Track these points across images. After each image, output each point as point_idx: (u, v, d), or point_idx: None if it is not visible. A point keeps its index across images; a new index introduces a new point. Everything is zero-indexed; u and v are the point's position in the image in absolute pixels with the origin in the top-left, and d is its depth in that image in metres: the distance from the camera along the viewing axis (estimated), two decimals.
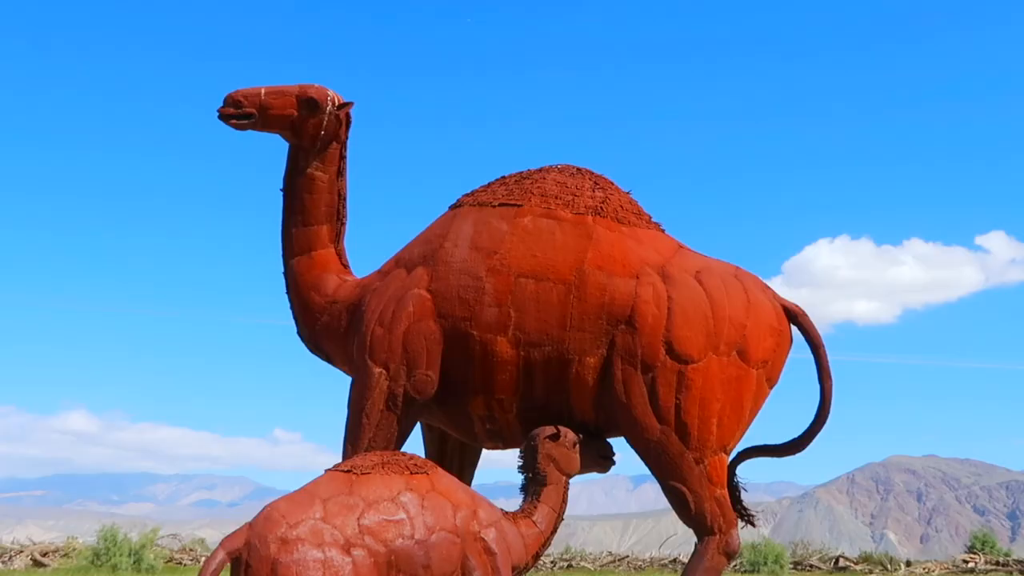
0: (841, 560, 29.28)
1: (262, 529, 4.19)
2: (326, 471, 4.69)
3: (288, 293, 6.28)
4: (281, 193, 6.29)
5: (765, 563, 26.81)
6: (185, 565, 24.64)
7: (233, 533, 4.26)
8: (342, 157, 6.23)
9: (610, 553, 30.60)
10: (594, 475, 5.71)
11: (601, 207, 5.77)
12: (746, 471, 6.00)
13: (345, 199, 6.26)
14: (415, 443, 6.11)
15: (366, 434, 5.51)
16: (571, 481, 5.37)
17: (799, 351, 6.05)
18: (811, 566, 28.51)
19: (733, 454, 5.78)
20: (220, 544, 4.21)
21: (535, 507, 5.16)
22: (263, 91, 6.04)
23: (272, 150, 6.39)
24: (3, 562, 23.74)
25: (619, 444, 5.76)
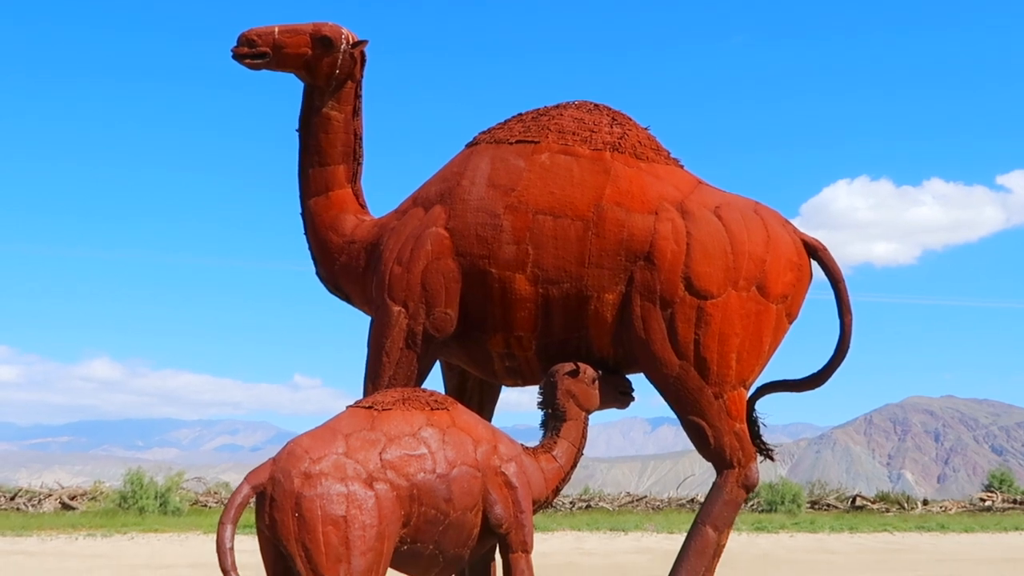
0: (858, 499, 29.53)
1: (286, 464, 4.24)
2: (348, 407, 4.73)
3: (306, 234, 6.29)
4: (297, 133, 6.26)
5: (782, 502, 27.10)
6: (210, 507, 25.08)
7: (257, 468, 4.31)
8: (357, 96, 6.19)
9: (628, 494, 30.97)
10: (612, 417, 5.76)
11: (619, 143, 5.72)
12: (763, 411, 6.01)
13: (361, 138, 6.23)
14: (435, 381, 6.15)
15: (386, 372, 5.54)
16: (588, 423, 5.40)
17: (818, 291, 6.01)
18: (828, 505, 28.79)
19: (752, 389, 5.78)
20: (245, 479, 4.27)
21: (555, 442, 5.21)
22: (277, 30, 5.99)
23: (289, 90, 6.35)
24: (33, 505, 24.25)
25: (637, 385, 5.77)
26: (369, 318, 5.89)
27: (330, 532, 4.09)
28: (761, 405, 5.98)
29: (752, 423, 5.80)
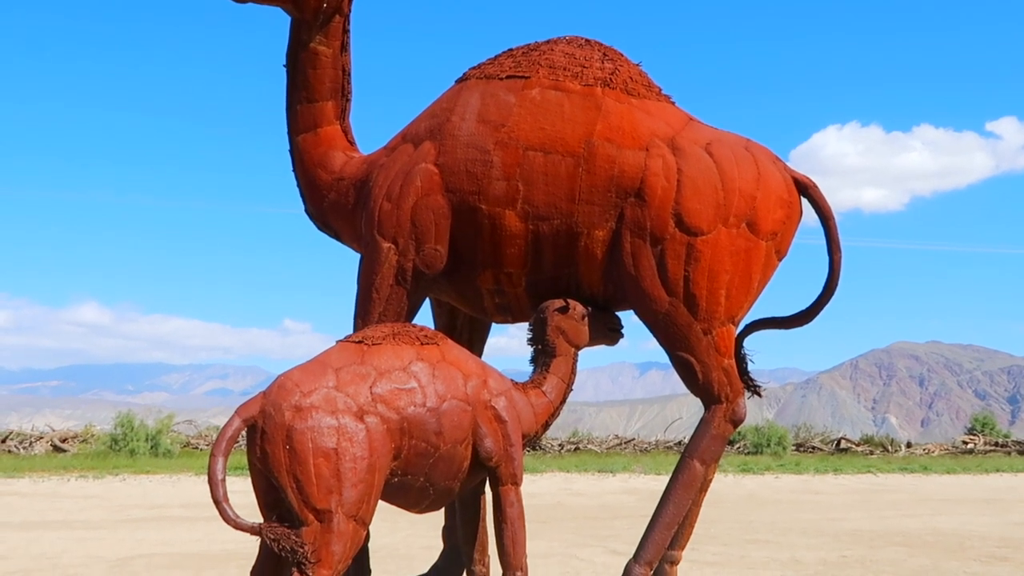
0: (842, 442, 29.93)
1: (276, 397, 4.25)
2: (337, 342, 4.73)
3: (294, 171, 6.24)
4: (284, 69, 6.18)
5: (768, 445, 27.47)
6: (201, 450, 25.27)
7: (248, 401, 4.33)
8: (345, 31, 6.09)
9: (616, 436, 31.35)
10: (600, 362, 5.80)
11: (610, 79, 5.66)
12: (752, 349, 6.04)
13: (350, 74, 6.15)
14: (425, 320, 6.15)
15: (376, 309, 5.54)
16: (577, 368, 5.43)
17: (805, 236, 5.98)
18: (813, 448, 29.19)
19: (741, 326, 5.81)
20: (236, 412, 4.28)
21: (545, 377, 5.24)
22: None
23: (277, 25, 6.24)
24: (24, 448, 24.37)
25: (627, 330, 5.78)
26: (358, 256, 5.88)
27: (321, 464, 4.11)
28: (748, 345, 6.02)
29: (740, 359, 5.83)
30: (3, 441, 25.20)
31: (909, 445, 30.96)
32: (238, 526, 4.08)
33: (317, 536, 4.11)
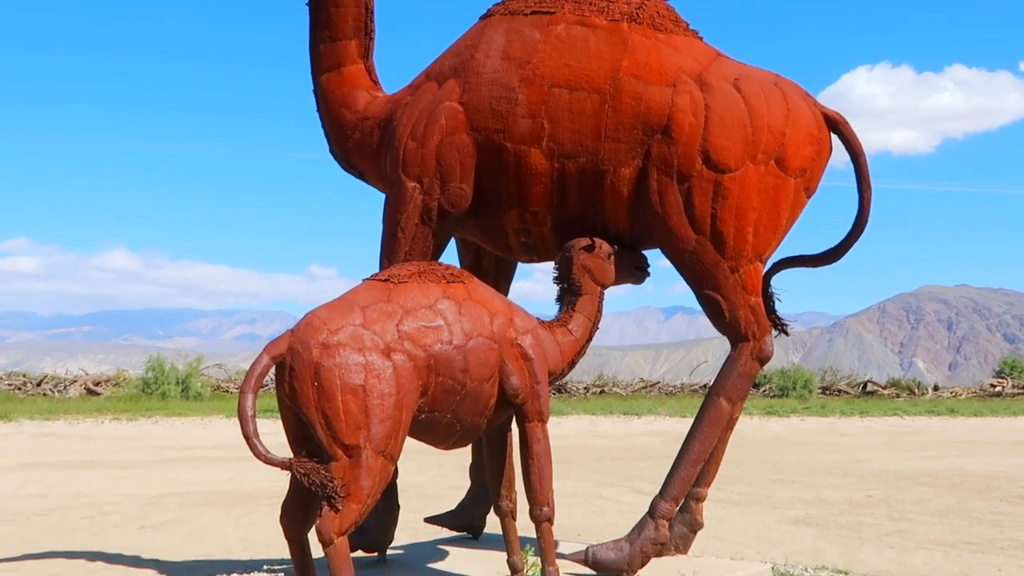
0: (869, 385, 29.85)
1: (304, 335, 4.28)
2: (364, 280, 4.75)
3: (318, 111, 6.21)
4: (307, 8, 6.12)
5: (794, 388, 27.48)
6: (231, 393, 25.61)
7: (276, 339, 4.36)
8: None
9: (641, 380, 31.44)
10: (626, 307, 5.80)
11: (637, 13, 5.57)
12: (779, 288, 6.00)
13: (373, 12, 6.09)
14: (450, 260, 6.15)
15: (402, 248, 5.55)
16: (603, 308, 5.42)
17: (833, 179, 5.83)
18: (839, 391, 29.16)
19: (769, 264, 5.77)
20: (264, 349, 4.31)
21: (570, 316, 5.24)
22: None
23: None
24: (59, 391, 24.80)
25: (652, 274, 5.73)
26: (383, 196, 5.87)
27: (349, 400, 4.15)
28: (776, 284, 5.98)
29: (767, 298, 5.80)
30: (38, 384, 25.68)
31: (936, 388, 30.87)
32: (268, 461, 4.13)
33: (346, 471, 4.16)
